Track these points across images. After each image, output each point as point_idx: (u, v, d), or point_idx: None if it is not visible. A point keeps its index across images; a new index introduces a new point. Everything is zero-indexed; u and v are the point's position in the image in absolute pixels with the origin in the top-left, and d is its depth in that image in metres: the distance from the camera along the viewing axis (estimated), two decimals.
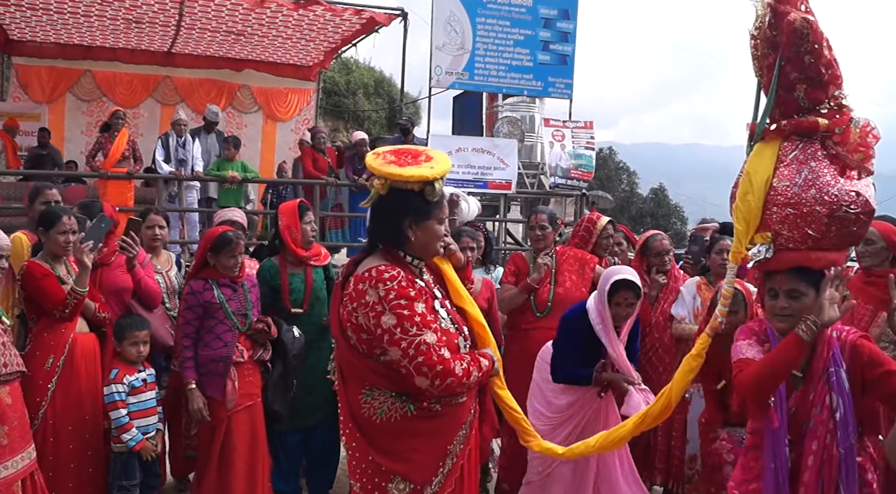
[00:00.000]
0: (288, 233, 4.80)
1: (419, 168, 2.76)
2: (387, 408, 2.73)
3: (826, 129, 2.81)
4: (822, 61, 2.76)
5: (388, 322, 2.62)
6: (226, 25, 11.00)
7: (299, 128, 14.20)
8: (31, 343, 4.20)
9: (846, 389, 2.75)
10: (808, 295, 2.80)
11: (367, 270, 2.71)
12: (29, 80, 12.77)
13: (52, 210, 4.39)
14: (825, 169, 2.80)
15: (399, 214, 2.79)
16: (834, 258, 2.83)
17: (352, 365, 2.78)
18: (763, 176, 2.87)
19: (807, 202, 2.77)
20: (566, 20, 11.91)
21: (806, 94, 2.84)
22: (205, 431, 4.42)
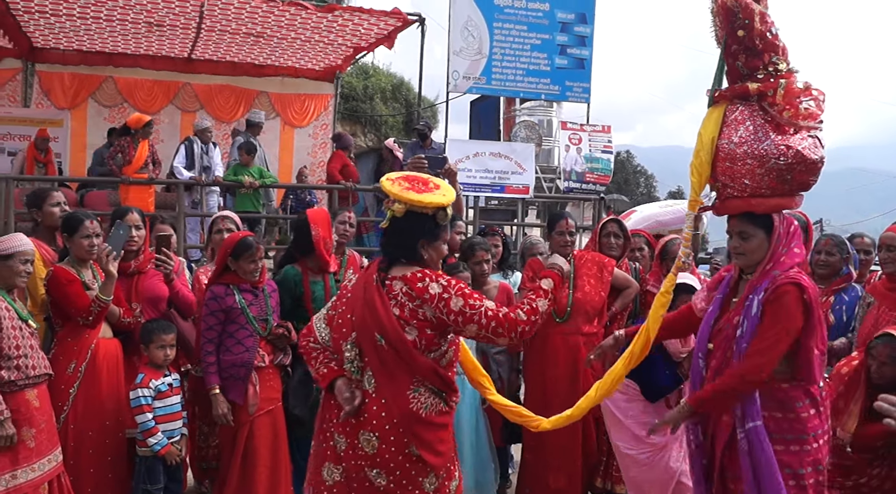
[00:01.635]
0: (322, 243, 4.80)
1: (433, 195, 3.13)
2: (430, 404, 3.06)
3: (758, 92, 3.25)
4: (755, 33, 3.19)
5: (458, 304, 3.01)
6: (245, 27, 11.05)
7: (317, 134, 14.24)
8: (56, 347, 4.25)
9: (753, 314, 3.25)
10: (756, 235, 3.31)
11: (418, 272, 3.08)
12: (52, 86, 12.86)
13: (74, 215, 4.43)
14: (760, 127, 3.24)
15: (415, 235, 3.14)
16: (776, 203, 3.29)
17: (406, 364, 3.03)
18: (709, 135, 3.34)
19: (740, 156, 3.24)
20: (583, 24, 11.93)
21: (744, 63, 3.29)
22: (227, 436, 4.45)
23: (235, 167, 10.04)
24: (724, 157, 3.30)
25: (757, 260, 3.34)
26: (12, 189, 8.77)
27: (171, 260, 4.69)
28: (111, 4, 10.19)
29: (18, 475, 3.71)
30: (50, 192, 4.91)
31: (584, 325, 4.99)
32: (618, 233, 5.53)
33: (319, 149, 14.14)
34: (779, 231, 3.30)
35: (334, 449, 3.15)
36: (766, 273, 3.29)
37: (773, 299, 3.21)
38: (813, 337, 3.22)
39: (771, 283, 3.24)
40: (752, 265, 3.36)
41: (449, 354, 3.16)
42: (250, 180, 9.67)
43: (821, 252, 4.95)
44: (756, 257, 3.33)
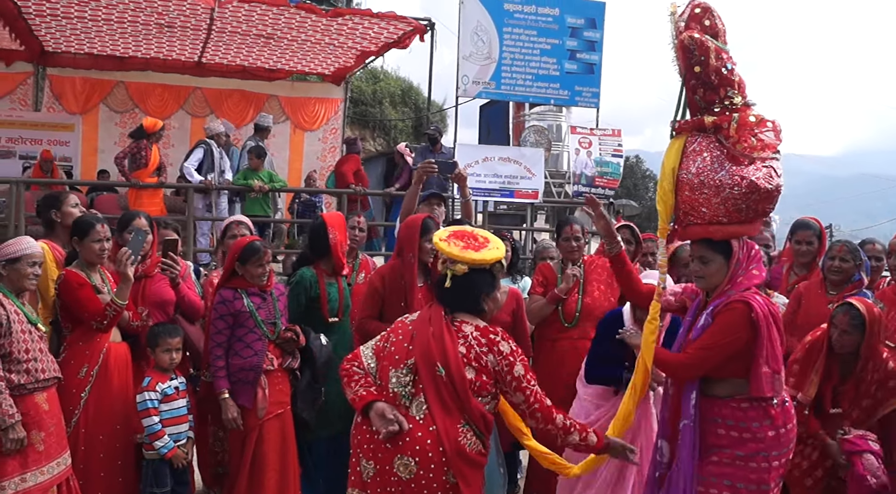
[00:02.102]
0: (339, 246, 4.81)
1: (490, 251, 3.33)
2: (472, 442, 3.18)
3: (714, 125, 3.40)
4: (710, 69, 3.35)
5: (519, 371, 3.21)
6: (256, 28, 11.07)
7: (327, 138, 14.26)
8: (66, 351, 4.25)
9: (700, 325, 3.50)
10: (714, 260, 3.48)
11: (490, 327, 3.29)
12: (63, 91, 12.92)
13: (85, 218, 4.43)
14: (716, 158, 3.39)
15: (478, 290, 3.33)
16: (733, 230, 3.44)
17: (460, 399, 3.16)
18: (671, 165, 3.50)
19: (697, 186, 3.40)
20: (593, 29, 11.92)
21: (702, 97, 3.45)
22: (236, 440, 4.45)
23: (245, 171, 10.06)
24: (683, 187, 3.46)
25: (716, 284, 3.50)
26: (22, 192, 8.82)
27: (178, 265, 4.70)
28: (122, 7, 10.21)
29: (28, 478, 3.71)
30: (68, 194, 4.92)
31: (592, 330, 4.97)
32: (629, 239, 5.53)
33: (329, 153, 14.16)
34: (738, 256, 3.46)
35: (360, 475, 3.21)
36: (723, 293, 3.47)
37: (721, 312, 3.42)
38: (761, 355, 3.36)
39: (723, 301, 3.44)
40: (712, 288, 3.54)
41: (494, 404, 3.30)
42: (260, 184, 9.69)
43: (834, 258, 4.93)
44: (715, 281, 3.50)
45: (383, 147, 19.94)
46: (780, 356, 3.42)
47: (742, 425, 3.39)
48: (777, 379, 3.38)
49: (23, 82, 12.70)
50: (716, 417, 3.44)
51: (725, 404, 3.43)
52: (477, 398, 3.19)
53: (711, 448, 3.45)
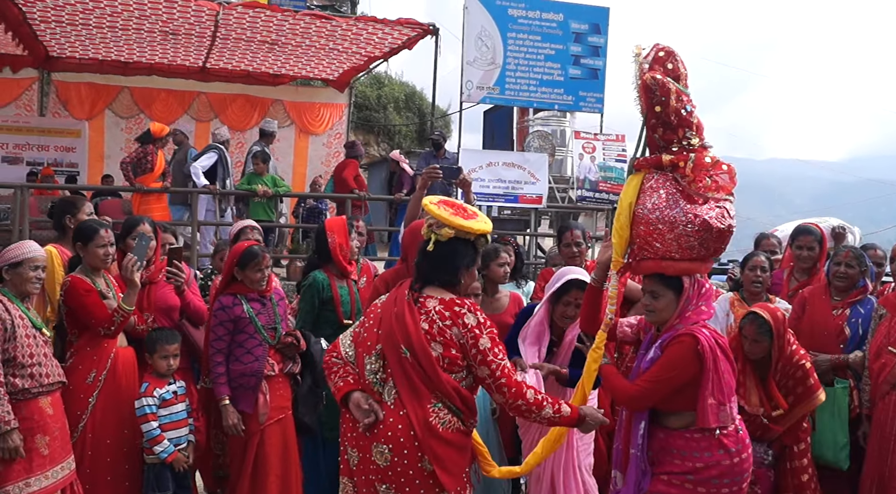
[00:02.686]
0: (339, 250, 4.85)
1: (478, 222, 3.26)
2: (448, 420, 3.11)
3: (670, 164, 3.48)
4: (670, 109, 3.43)
5: (485, 344, 3.11)
6: (260, 35, 11.10)
7: (331, 143, 14.28)
8: (74, 356, 4.25)
9: (648, 359, 3.54)
10: (665, 295, 3.51)
11: (455, 299, 3.20)
12: (68, 96, 12.96)
13: (89, 224, 4.44)
14: (671, 195, 3.46)
15: (458, 260, 3.24)
16: (685, 267, 3.47)
17: (429, 378, 3.09)
18: (628, 200, 3.57)
19: (652, 222, 3.45)
20: (597, 34, 11.92)
21: (661, 136, 3.52)
22: (237, 445, 4.45)
23: (249, 176, 10.07)
24: (638, 221, 3.52)
25: (665, 318, 3.55)
26: (27, 197, 8.84)
27: (183, 273, 4.71)
28: (127, 14, 10.26)
29: (32, 483, 3.72)
30: (84, 201, 4.92)
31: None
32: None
33: (333, 157, 14.19)
34: (688, 292, 3.50)
35: (347, 463, 3.21)
36: (671, 327, 3.52)
37: (668, 345, 3.46)
38: (707, 387, 3.39)
39: (671, 335, 3.48)
40: (661, 322, 3.58)
41: (471, 378, 3.21)
42: (263, 189, 9.70)
43: (840, 264, 4.91)
44: (664, 315, 3.54)
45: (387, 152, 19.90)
46: (729, 387, 3.47)
47: (696, 455, 3.44)
48: (723, 411, 3.42)
49: (28, 88, 12.75)
50: (671, 448, 3.49)
51: (679, 435, 3.47)
52: (449, 374, 3.12)
53: (662, 472, 3.50)
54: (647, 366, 3.52)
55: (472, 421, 3.25)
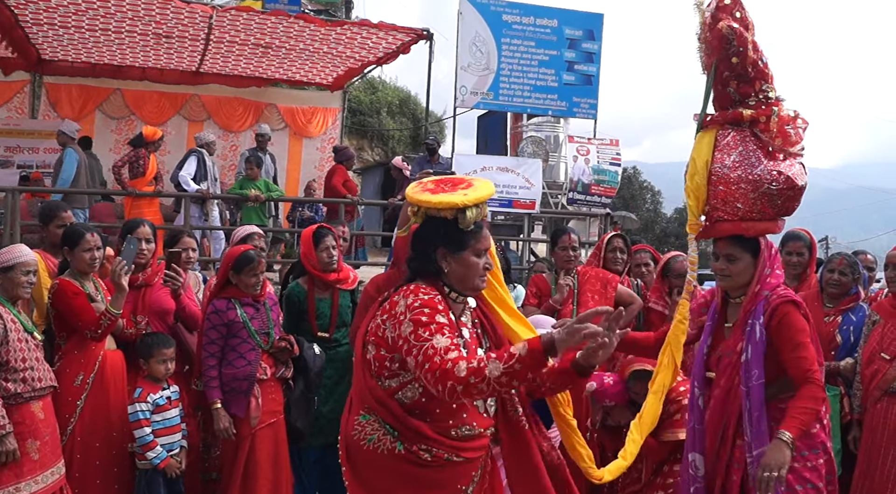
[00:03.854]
0: (306, 260, 4.87)
1: (451, 195, 2.66)
2: (377, 438, 2.61)
3: (751, 119, 3.32)
4: (748, 61, 3.27)
5: (406, 330, 2.51)
6: (254, 37, 11.08)
7: (325, 147, 14.26)
8: (62, 360, 4.24)
9: (757, 338, 3.24)
10: (742, 258, 3.35)
11: (412, 285, 2.66)
12: (59, 98, 12.89)
13: (75, 228, 4.42)
14: (752, 152, 3.30)
15: (431, 244, 2.70)
16: (764, 227, 3.35)
17: (358, 385, 2.71)
18: (703, 159, 3.39)
19: (734, 180, 3.29)
20: (591, 41, 11.94)
21: (736, 89, 3.36)
22: (228, 449, 4.44)
23: (242, 180, 10.06)
24: (716, 181, 3.35)
25: (742, 283, 3.38)
26: (18, 201, 8.80)
27: (180, 277, 4.70)
28: (119, 16, 10.23)
29: (22, 487, 3.70)
30: (58, 213, 4.83)
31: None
32: (623, 249, 5.56)
33: (327, 162, 14.15)
34: (765, 254, 3.36)
35: None
36: (757, 295, 3.33)
37: (778, 322, 3.25)
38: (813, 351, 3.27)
39: (767, 305, 3.28)
40: (737, 288, 3.41)
41: (412, 390, 2.61)
42: (256, 193, 9.69)
43: (834, 271, 4.91)
44: (742, 280, 3.37)
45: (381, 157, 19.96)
46: (819, 349, 3.33)
47: None
48: (822, 370, 3.29)
49: (20, 91, 12.69)
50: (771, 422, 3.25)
51: (772, 407, 3.25)
52: (382, 380, 2.61)
53: None
54: (758, 349, 3.24)
55: (426, 449, 2.58)
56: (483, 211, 2.71)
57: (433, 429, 2.58)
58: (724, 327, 3.51)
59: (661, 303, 5.48)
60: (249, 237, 5.32)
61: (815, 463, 3.27)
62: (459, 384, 2.37)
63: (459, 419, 2.63)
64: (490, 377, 2.36)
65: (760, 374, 3.23)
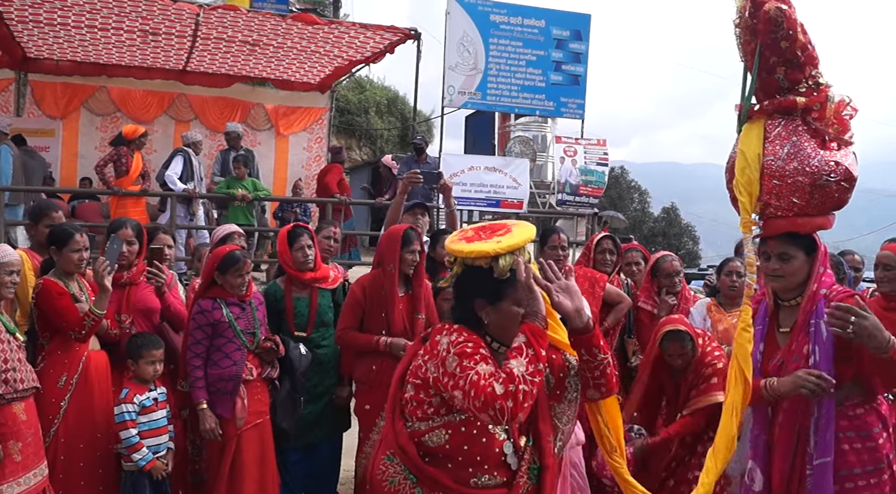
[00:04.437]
0: (282, 259, 4.89)
1: (483, 243, 2.56)
2: (398, 481, 2.57)
3: (804, 106, 3.08)
4: (798, 45, 3.03)
5: (452, 363, 2.43)
6: (241, 35, 11.05)
7: (312, 146, 14.23)
8: (45, 360, 4.20)
9: (824, 339, 2.98)
10: (797, 257, 3.10)
11: (454, 325, 2.57)
12: (43, 95, 12.80)
13: (64, 228, 4.38)
14: (806, 142, 3.07)
15: (470, 295, 2.60)
16: (820, 222, 3.12)
17: (388, 425, 2.67)
18: (755, 151, 3.13)
19: (790, 173, 3.05)
20: (578, 41, 11.96)
21: (785, 76, 3.11)
22: (214, 450, 4.42)
23: (229, 180, 10.03)
24: (770, 175, 3.09)
25: (796, 284, 3.13)
26: (3, 199, 8.75)
27: (163, 274, 4.67)
28: (106, 12, 10.17)
29: (4, 490, 3.66)
30: (48, 212, 4.78)
31: None
32: (612, 250, 5.57)
33: (314, 161, 14.14)
34: (820, 251, 3.13)
35: None
36: (815, 295, 3.08)
37: None
38: None
39: (828, 302, 2.99)
40: (790, 288, 3.16)
41: (439, 436, 2.54)
42: (243, 193, 9.66)
43: None
44: (796, 280, 3.13)
45: (369, 156, 19.95)
46: None
47: (864, 434, 3.05)
48: None
49: (4, 89, 12.60)
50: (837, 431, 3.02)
51: (839, 414, 3.02)
52: (407, 421, 2.59)
53: (839, 470, 3.00)
54: (827, 350, 2.98)
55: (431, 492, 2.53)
56: (521, 256, 2.60)
57: (452, 478, 2.53)
58: (779, 333, 3.25)
59: (650, 303, 5.50)
60: (230, 237, 5.30)
61: (879, 480, 3.05)
62: (507, 399, 2.32)
63: (480, 468, 2.55)
64: (518, 374, 2.35)
65: (832, 377, 2.97)
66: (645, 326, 5.47)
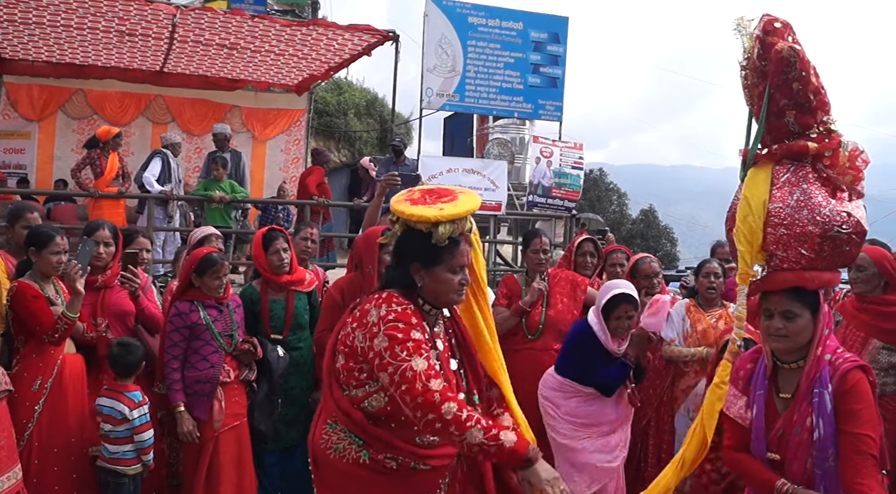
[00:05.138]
0: (257, 262, 4.88)
1: (426, 208, 2.60)
2: (343, 447, 2.60)
3: (816, 153, 2.91)
4: (810, 88, 2.89)
5: (380, 344, 2.47)
6: (219, 37, 11.00)
7: (290, 148, 14.19)
8: (19, 364, 4.17)
9: (828, 411, 2.75)
10: (802, 316, 2.83)
11: (384, 293, 2.62)
12: (19, 97, 12.69)
13: (45, 230, 4.35)
14: (816, 190, 2.89)
15: (407, 257, 2.66)
16: (829, 278, 2.91)
17: (326, 394, 2.71)
18: (760, 198, 2.96)
19: (800, 222, 2.85)
20: (556, 43, 12.02)
21: (795, 120, 2.95)
22: (191, 452, 4.41)
23: (206, 181, 9.98)
24: (778, 223, 2.91)
25: (800, 345, 2.86)
26: None
27: (138, 278, 4.65)
28: (82, 12, 10.09)
29: None
30: (24, 214, 4.74)
31: (554, 343, 5.03)
32: (593, 253, 5.61)
33: (292, 164, 14.10)
34: (824, 310, 2.88)
35: None
36: (819, 359, 2.82)
37: (847, 390, 2.75)
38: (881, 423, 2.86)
39: (833, 370, 2.79)
40: (793, 350, 2.88)
41: (377, 400, 2.59)
42: (221, 194, 9.61)
43: None
44: (800, 340, 2.85)
45: (348, 158, 19.91)
46: None
47: None
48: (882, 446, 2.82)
49: None
50: None
51: None
52: (343, 389, 2.61)
53: None
54: (829, 422, 2.74)
55: (392, 458, 2.57)
56: (462, 226, 2.65)
57: (398, 437, 2.57)
58: (777, 398, 2.96)
59: None
60: (207, 239, 5.29)
61: None
62: (439, 422, 2.39)
63: None
64: (466, 439, 2.40)
65: (837, 453, 2.74)
66: None
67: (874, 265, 4.40)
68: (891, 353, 4.30)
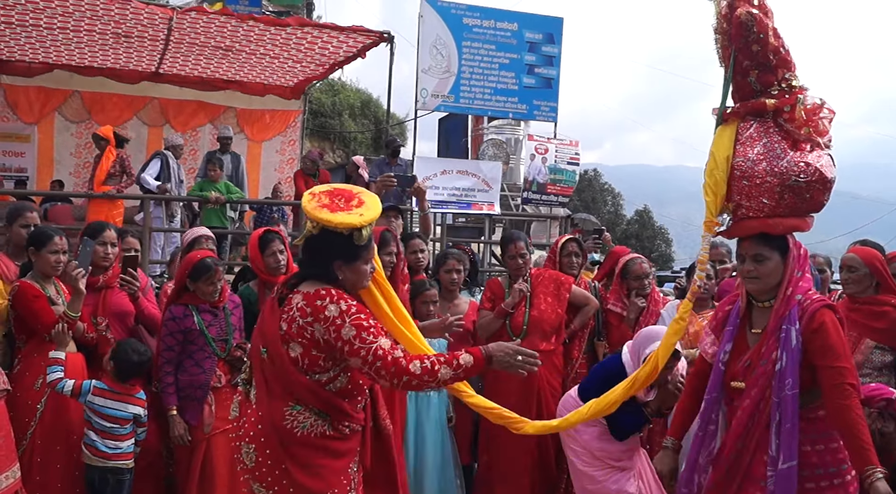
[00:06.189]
0: (254, 264, 4.91)
1: (349, 214, 2.94)
2: (309, 424, 2.93)
3: (775, 108, 3.16)
4: (769, 48, 3.11)
5: (349, 333, 2.83)
6: (214, 40, 11.01)
7: (285, 149, 14.19)
8: (21, 363, 4.22)
9: (793, 346, 3.04)
10: (771, 258, 3.16)
11: (322, 289, 2.92)
12: (17, 99, 12.69)
13: (44, 230, 4.40)
14: (777, 144, 3.14)
15: (329, 256, 2.98)
16: (793, 223, 3.18)
17: (283, 380, 2.94)
18: (724, 153, 3.22)
19: (759, 174, 3.12)
20: (551, 44, 12.05)
21: (757, 79, 3.19)
22: (184, 455, 4.46)
23: (202, 182, 9.99)
24: (740, 176, 3.18)
25: (771, 285, 3.19)
26: None
27: (137, 281, 4.68)
28: (78, 15, 10.11)
29: None
30: (24, 213, 4.78)
31: (540, 343, 5.05)
32: (577, 253, 5.63)
33: (287, 164, 14.11)
34: (794, 253, 3.18)
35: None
36: (789, 299, 3.13)
37: (815, 328, 3.06)
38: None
39: (802, 310, 3.09)
40: (765, 290, 3.21)
41: (341, 381, 2.98)
42: (216, 195, 9.61)
43: None
44: (771, 281, 3.18)
45: (342, 159, 19.90)
46: None
47: (826, 435, 3.10)
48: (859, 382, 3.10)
49: None
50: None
51: (801, 417, 3.03)
52: (308, 375, 2.90)
53: (801, 471, 3.01)
54: (794, 357, 3.03)
55: (347, 425, 3.02)
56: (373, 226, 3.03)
57: (352, 408, 3.04)
58: (750, 334, 3.30)
59: (619, 305, 5.58)
60: (197, 241, 5.30)
61: (843, 480, 3.10)
62: (414, 379, 2.84)
63: (362, 394, 3.12)
64: (441, 378, 2.88)
65: (795, 384, 3.01)
66: (614, 328, 5.55)
67: (865, 266, 4.45)
68: (883, 353, 4.35)
